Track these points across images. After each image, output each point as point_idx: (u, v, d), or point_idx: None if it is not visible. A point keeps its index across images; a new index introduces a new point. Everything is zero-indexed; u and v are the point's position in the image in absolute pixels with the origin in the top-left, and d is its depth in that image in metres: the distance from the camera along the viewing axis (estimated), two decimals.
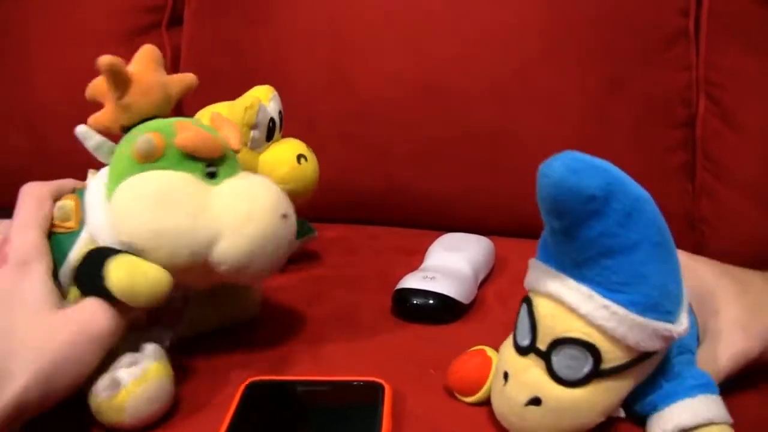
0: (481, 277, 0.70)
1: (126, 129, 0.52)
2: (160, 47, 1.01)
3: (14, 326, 0.43)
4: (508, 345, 0.46)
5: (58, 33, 1.03)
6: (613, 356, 0.41)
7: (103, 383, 0.45)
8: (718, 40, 0.85)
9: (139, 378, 0.45)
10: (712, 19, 0.85)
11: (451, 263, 0.67)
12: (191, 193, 0.48)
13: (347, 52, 0.90)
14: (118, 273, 0.45)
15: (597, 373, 0.42)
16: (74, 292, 0.48)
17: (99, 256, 0.46)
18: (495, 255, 0.75)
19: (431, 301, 0.61)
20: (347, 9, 0.90)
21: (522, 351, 0.44)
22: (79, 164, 0.98)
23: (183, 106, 0.99)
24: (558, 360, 0.42)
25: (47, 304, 0.45)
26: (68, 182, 0.54)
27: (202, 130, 0.51)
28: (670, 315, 0.41)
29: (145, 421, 0.46)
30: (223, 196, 0.50)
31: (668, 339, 0.41)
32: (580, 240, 0.39)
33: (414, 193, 0.90)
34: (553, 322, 0.42)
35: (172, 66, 1.04)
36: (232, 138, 0.54)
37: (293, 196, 0.61)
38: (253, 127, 0.68)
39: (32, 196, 0.51)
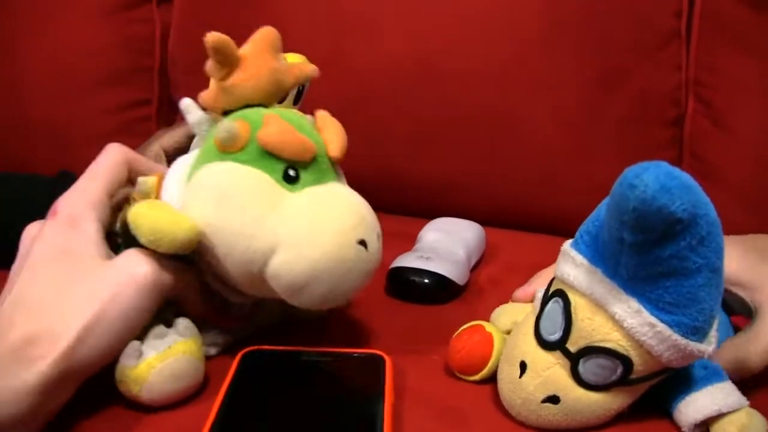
0: (474, 261, 0.70)
1: (228, 113, 0.49)
2: (149, 22, 1.01)
3: (59, 283, 0.42)
4: (527, 333, 0.45)
5: (47, 5, 1.01)
6: (643, 368, 0.41)
7: (127, 350, 0.43)
8: (709, 42, 0.86)
9: (162, 353, 0.43)
10: (704, 20, 0.86)
11: (445, 245, 0.68)
12: (260, 195, 0.44)
13: (345, 34, 0.89)
14: (144, 226, 0.43)
15: (622, 382, 0.42)
16: None
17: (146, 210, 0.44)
18: (486, 242, 0.75)
19: (427, 280, 0.61)
20: None
21: (547, 345, 0.43)
22: (59, 137, 0.97)
23: (171, 85, 0.99)
24: (586, 365, 0.42)
25: (92, 258, 0.44)
26: (154, 165, 0.52)
27: (290, 128, 0.46)
28: (705, 336, 0.40)
29: (164, 398, 0.44)
30: (296, 205, 0.45)
31: (698, 358, 0.41)
32: (648, 257, 0.37)
33: (407, 177, 0.90)
34: (592, 329, 0.41)
35: (161, 42, 1.02)
36: (333, 143, 0.49)
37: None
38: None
39: (109, 157, 0.49)
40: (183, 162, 0.49)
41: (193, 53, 0.68)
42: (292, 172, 0.46)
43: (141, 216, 0.43)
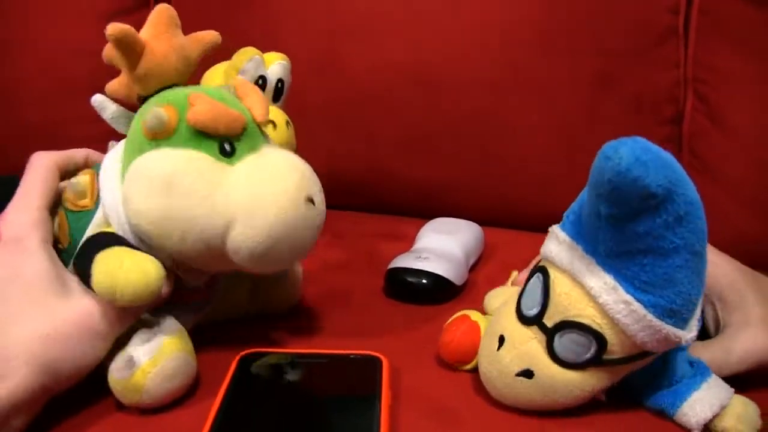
0: (472, 261, 0.70)
1: (143, 99, 0.48)
2: None
3: (12, 311, 0.41)
4: (508, 310, 0.46)
5: (43, 8, 1.01)
6: (617, 349, 0.41)
7: (117, 363, 0.43)
8: (707, 39, 0.86)
9: (154, 356, 0.43)
10: (702, 17, 0.86)
11: (443, 246, 0.67)
12: (203, 175, 0.44)
13: (340, 37, 0.89)
14: (98, 275, 0.42)
15: (596, 362, 0.42)
16: None
17: (90, 251, 0.43)
18: (484, 241, 0.75)
19: (425, 281, 0.61)
20: None
21: (525, 320, 0.44)
22: (51, 137, 0.97)
23: None
24: (561, 341, 0.42)
25: (47, 287, 0.43)
26: (79, 152, 0.51)
27: (217, 104, 0.46)
28: (683, 322, 0.40)
29: (165, 398, 0.44)
30: (239, 177, 0.45)
31: (675, 344, 0.41)
32: (624, 232, 0.38)
33: (402, 180, 0.90)
34: (568, 303, 0.41)
35: None
36: (256, 108, 0.48)
37: None
38: (241, 72, 0.66)
39: (37, 168, 0.48)
40: (113, 157, 0.48)
41: None
42: (227, 147, 0.46)
43: (99, 284, 0.42)
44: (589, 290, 0.40)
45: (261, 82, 0.68)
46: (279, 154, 0.48)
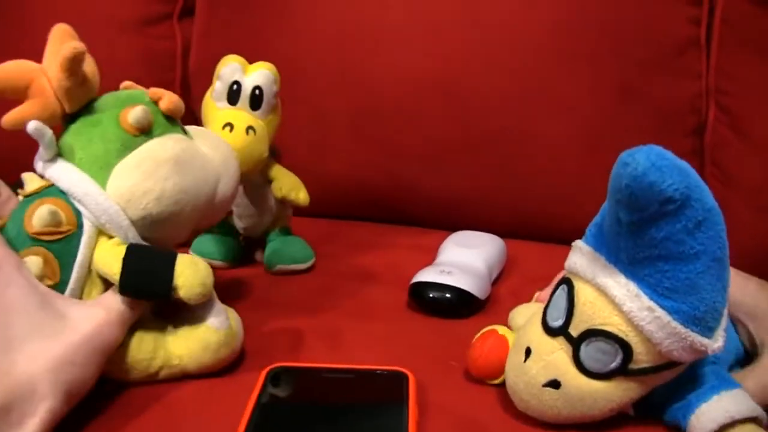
0: (495, 274, 0.70)
1: (70, 116, 0.50)
2: (171, 38, 1.02)
3: (12, 339, 0.40)
4: (535, 322, 0.46)
5: (68, 21, 1.02)
6: (643, 358, 0.41)
7: (218, 318, 0.50)
8: (729, 50, 0.85)
9: (225, 311, 0.51)
10: (724, 28, 0.86)
11: (465, 259, 0.68)
12: (193, 149, 0.53)
13: (361, 48, 0.90)
14: (186, 276, 0.47)
15: (622, 371, 0.42)
16: (95, 291, 0.49)
17: (160, 260, 0.47)
18: (507, 254, 0.75)
19: (448, 295, 0.62)
20: (363, 5, 0.90)
21: (551, 332, 0.44)
22: None
23: (191, 100, 1.00)
24: (587, 350, 0.42)
25: (38, 311, 0.42)
26: None
27: (172, 92, 0.54)
28: (709, 331, 0.41)
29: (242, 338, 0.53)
30: (202, 145, 0.55)
31: (701, 354, 0.41)
32: (643, 238, 0.38)
33: (423, 192, 0.90)
34: (592, 312, 0.42)
35: (182, 57, 1.03)
36: (166, 99, 0.53)
37: None
38: (218, 77, 0.69)
39: None
40: (69, 178, 0.49)
41: (214, 68, 0.69)
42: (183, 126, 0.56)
43: (189, 286, 0.48)
44: (613, 298, 0.41)
45: (235, 87, 0.68)
46: (193, 127, 0.59)
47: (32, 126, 0.48)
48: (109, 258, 0.47)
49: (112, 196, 0.49)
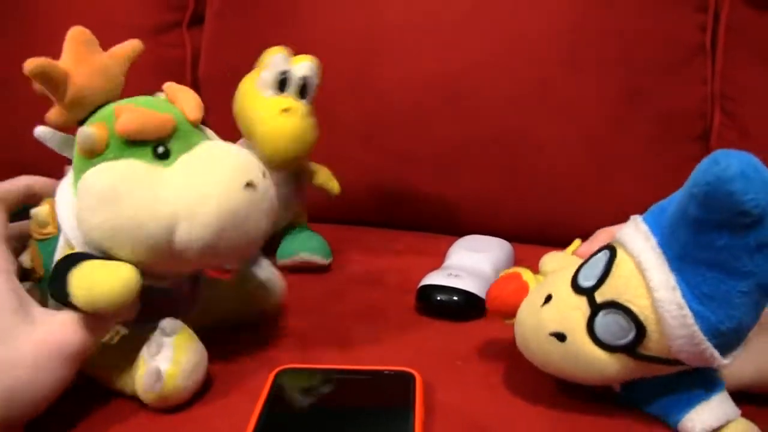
0: None
1: (81, 122, 0.49)
2: (181, 46, 1.04)
3: None
4: (565, 274, 0.46)
5: (76, 24, 1.03)
6: (653, 347, 0.41)
7: (147, 381, 0.45)
8: (735, 55, 0.86)
9: (174, 358, 0.46)
10: (729, 34, 0.86)
11: (473, 263, 0.68)
12: (139, 181, 0.45)
13: (372, 55, 0.91)
14: (76, 289, 0.43)
15: (628, 351, 0.42)
16: None
17: (64, 268, 0.44)
18: (514, 258, 0.76)
19: (456, 298, 0.62)
20: (372, 12, 0.91)
21: (578, 289, 0.44)
22: None
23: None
24: (604, 319, 0.42)
25: (7, 315, 0.42)
26: (17, 181, 0.51)
27: (143, 110, 0.47)
28: (726, 348, 0.40)
29: (196, 387, 0.47)
30: (176, 175, 0.46)
31: (708, 364, 0.41)
32: (703, 238, 0.37)
33: (432, 197, 0.91)
34: (624, 286, 0.41)
35: (192, 65, 1.05)
36: (188, 107, 0.49)
37: (274, 152, 0.66)
38: (266, 66, 0.70)
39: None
40: (66, 182, 0.49)
41: (223, 75, 0.70)
42: (161, 149, 0.46)
43: (80, 296, 0.43)
44: (649, 281, 0.40)
45: (284, 76, 0.70)
46: (215, 145, 0.49)
47: (37, 131, 0.49)
48: None
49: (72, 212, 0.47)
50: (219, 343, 0.54)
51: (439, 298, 0.62)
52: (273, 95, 0.71)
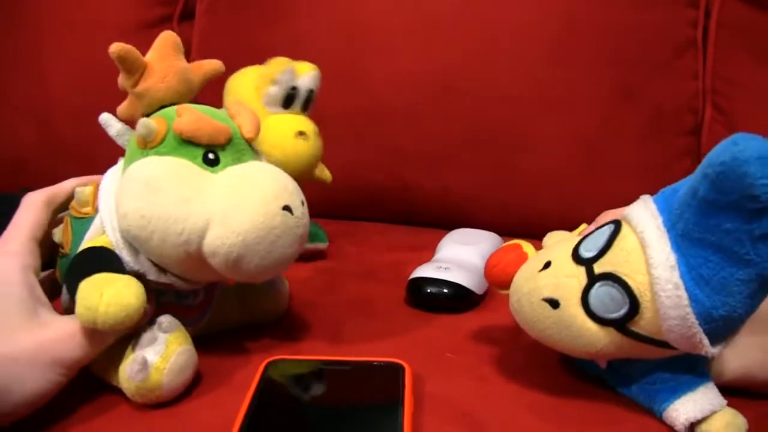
0: None
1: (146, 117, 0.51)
2: None
3: None
4: (567, 245, 0.46)
5: (70, 24, 1.03)
6: (643, 325, 0.41)
7: (132, 368, 0.45)
8: (725, 51, 0.86)
9: (164, 353, 0.46)
10: (720, 30, 0.87)
11: (463, 256, 0.68)
12: (184, 179, 0.46)
13: (362, 50, 0.91)
14: (80, 307, 0.43)
15: (618, 326, 0.42)
16: None
17: (76, 276, 0.45)
18: None
19: (446, 290, 0.62)
20: (363, 8, 0.91)
21: (578, 259, 0.44)
22: (86, 155, 0.99)
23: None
24: (599, 291, 0.42)
25: (16, 314, 0.43)
26: (67, 184, 0.52)
27: (202, 115, 0.48)
28: (715, 336, 0.40)
29: (178, 390, 0.47)
30: (220, 184, 0.47)
31: (696, 350, 0.40)
32: (708, 220, 0.37)
33: (423, 191, 0.91)
34: (624, 260, 0.41)
35: None
36: (245, 125, 0.51)
37: (296, 175, 0.61)
38: (274, 82, 0.69)
39: (27, 205, 0.50)
40: (114, 169, 0.51)
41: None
42: (211, 156, 0.48)
43: (81, 311, 0.43)
44: (649, 258, 0.40)
45: (293, 91, 0.70)
46: (263, 166, 0.50)
47: (101, 117, 0.51)
48: None
49: (112, 196, 0.49)
50: (209, 334, 0.54)
51: (429, 290, 0.62)
52: (278, 111, 0.70)
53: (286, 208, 0.47)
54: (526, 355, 0.54)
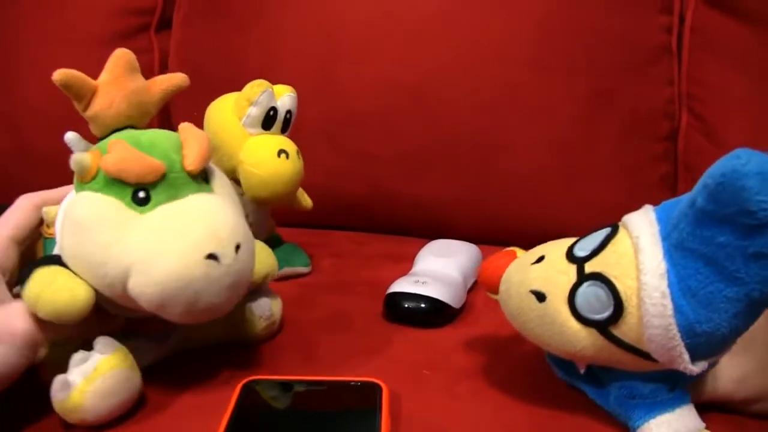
0: (470, 283, 0.70)
1: (99, 140, 0.50)
2: (149, 51, 1.03)
3: None
4: (563, 242, 0.47)
5: (46, 34, 1.02)
6: (626, 330, 0.41)
7: (55, 386, 0.44)
8: (700, 57, 0.87)
9: (89, 375, 0.45)
10: (694, 36, 0.87)
11: (440, 269, 0.68)
12: (109, 222, 0.45)
13: (336, 57, 0.91)
14: (30, 285, 0.44)
15: (600, 327, 0.42)
16: None
17: (33, 266, 0.46)
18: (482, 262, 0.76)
19: (423, 305, 0.62)
20: (337, 15, 0.91)
21: (571, 257, 0.45)
22: (60, 166, 0.98)
23: (171, 110, 1.00)
24: (586, 290, 0.42)
25: None
26: (59, 191, 0.52)
27: (130, 153, 0.46)
28: (696, 352, 0.40)
29: (107, 415, 0.46)
30: (145, 226, 0.45)
31: (675, 364, 0.40)
32: (703, 231, 0.37)
33: (400, 200, 0.91)
34: (615, 262, 0.42)
35: (160, 70, 1.04)
36: (191, 157, 0.47)
37: (271, 195, 0.64)
38: (253, 103, 0.68)
39: (17, 206, 0.51)
40: (71, 194, 0.50)
41: (192, 80, 0.69)
42: (141, 194, 0.46)
43: (28, 296, 0.45)
44: (640, 264, 0.40)
45: (272, 113, 0.70)
46: (198, 205, 0.47)
47: (67, 136, 0.49)
48: None
49: None
50: (185, 354, 0.54)
51: (406, 305, 0.62)
52: (258, 132, 0.70)
53: (211, 256, 0.44)
54: (504, 372, 0.54)
